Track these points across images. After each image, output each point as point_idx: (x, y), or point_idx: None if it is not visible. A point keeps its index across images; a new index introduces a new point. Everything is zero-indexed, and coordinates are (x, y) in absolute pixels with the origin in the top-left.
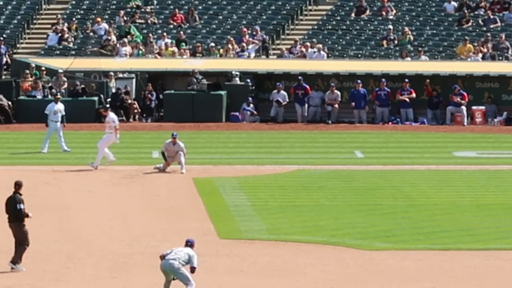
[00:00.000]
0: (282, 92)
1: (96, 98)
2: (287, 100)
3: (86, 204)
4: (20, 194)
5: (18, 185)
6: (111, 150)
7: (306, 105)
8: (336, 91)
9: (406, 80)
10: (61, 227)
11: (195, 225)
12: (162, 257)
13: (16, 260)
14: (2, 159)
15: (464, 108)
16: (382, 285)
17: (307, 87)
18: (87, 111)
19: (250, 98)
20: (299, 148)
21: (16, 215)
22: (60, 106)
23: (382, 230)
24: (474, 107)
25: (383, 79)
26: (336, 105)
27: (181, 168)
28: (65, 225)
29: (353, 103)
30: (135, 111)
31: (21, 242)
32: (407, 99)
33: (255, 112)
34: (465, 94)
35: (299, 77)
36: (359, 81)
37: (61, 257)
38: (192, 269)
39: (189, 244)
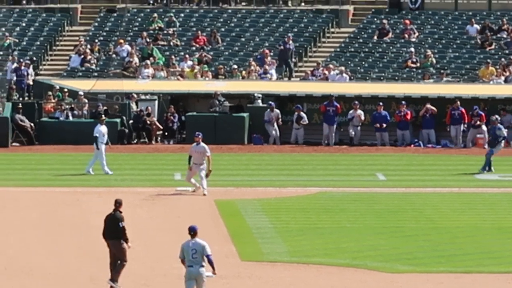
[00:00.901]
0: (302, 113)
1: (118, 120)
2: (307, 121)
3: None
4: (121, 212)
5: (118, 203)
6: (133, 171)
7: (334, 126)
8: (359, 109)
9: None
10: (83, 248)
11: (217, 247)
12: (183, 261)
13: (114, 278)
14: (25, 181)
15: (485, 129)
16: None
17: (338, 105)
18: (110, 133)
19: (272, 103)
20: (321, 170)
21: (117, 233)
22: (105, 128)
23: (404, 252)
24: None
25: (403, 102)
26: (359, 127)
27: (202, 190)
28: (87, 246)
29: (376, 125)
30: (157, 132)
31: (120, 259)
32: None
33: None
34: (482, 114)
35: (331, 94)
36: (380, 103)
37: (83, 277)
38: (209, 259)
39: (194, 232)
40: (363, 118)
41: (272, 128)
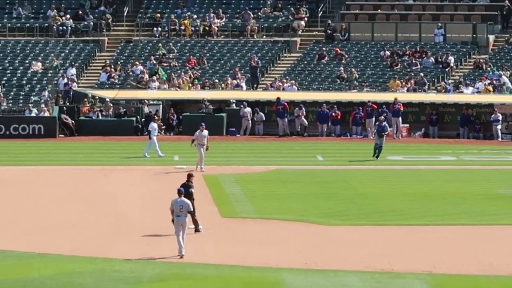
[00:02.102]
0: (261, 113)
1: (134, 119)
2: (264, 119)
3: (128, 194)
4: (192, 182)
5: (190, 176)
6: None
7: (286, 119)
8: (302, 107)
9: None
10: (108, 210)
11: (204, 208)
12: (173, 212)
13: (196, 227)
14: (68, 161)
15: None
16: (337, 250)
17: (285, 103)
18: (128, 128)
19: (245, 103)
20: (278, 153)
21: (189, 196)
22: (156, 124)
23: (336, 211)
24: (401, 125)
25: (335, 106)
26: (303, 117)
27: (201, 167)
28: (112, 209)
29: (319, 120)
30: (161, 127)
31: (192, 214)
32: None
33: (256, 119)
34: (374, 105)
35: (278, 97)
36: (324, 104)
37: (109, 230)
38: (191, 213)
39: (181, 193)
40: (304, 113)
41: (247, 122)
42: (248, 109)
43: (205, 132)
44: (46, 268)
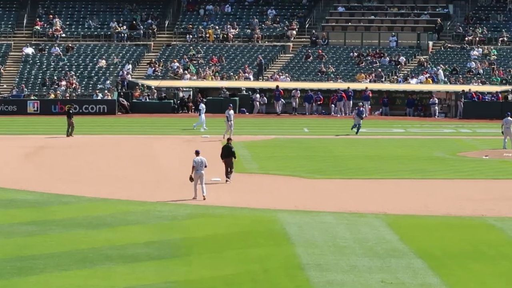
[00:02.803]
0: (264, 97)
1: (172, 101)
2: (266, 102)
3: (167, 155)
4: (231, 144)
5: (230, 139)
6: (180, 127)
7: (280, 102)
8: (298, 90)
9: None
10: (153, 166)
11: (222, 166)
12: (194, 168)
13: (229, 177)
14: (124, 131)
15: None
16: (318, 197)
17: (281, 91)
18: (167, 108)
19: (257, 90)
20: (275, 126)
21: (230, 154)
22: (204, 105)
23: (318, 168)
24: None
25: (319, 92)
26: (297, 99)
27: (224, 136)
28: (155, 165)
29: (305, 102)
30: (191, 108)
31: (230, 168)
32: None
33: (260, 102)
34: (344, 94)
35: (277, 85)
36: (309, 90)
37: (153, 180)
38: (205, 166)
39: (198, 153)
40: (299, 94)
41: (259, 104)
42: (258, 95)
43: (231, 111)
44: (108, 209)
